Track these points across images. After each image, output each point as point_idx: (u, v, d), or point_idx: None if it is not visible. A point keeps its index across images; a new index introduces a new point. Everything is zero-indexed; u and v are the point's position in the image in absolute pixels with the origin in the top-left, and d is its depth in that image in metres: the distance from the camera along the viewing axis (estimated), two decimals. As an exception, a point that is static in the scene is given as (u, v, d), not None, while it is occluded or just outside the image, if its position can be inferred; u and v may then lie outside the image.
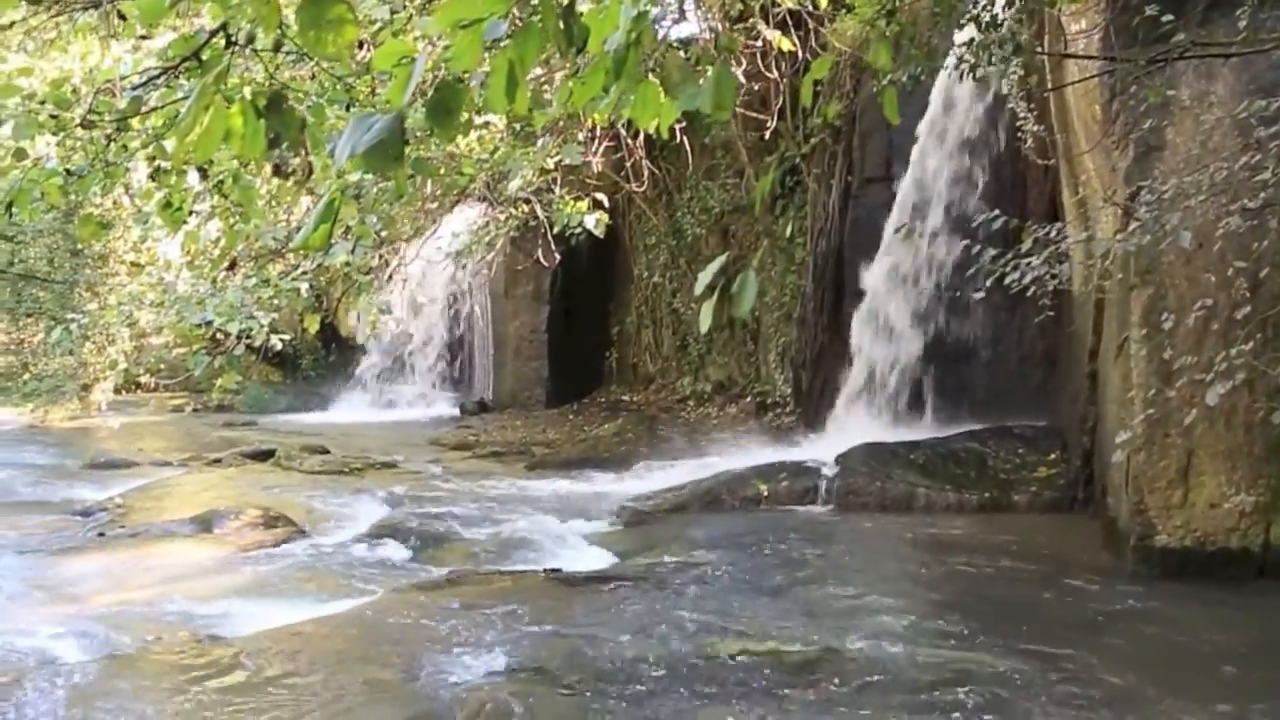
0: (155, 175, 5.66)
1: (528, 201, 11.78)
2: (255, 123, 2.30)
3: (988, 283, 6.51)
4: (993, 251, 6.44)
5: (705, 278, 2.31)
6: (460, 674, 5.77)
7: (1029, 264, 6.32)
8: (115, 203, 14.01)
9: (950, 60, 7.28)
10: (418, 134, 6.26)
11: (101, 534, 9.95)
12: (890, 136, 13.47)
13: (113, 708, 5.36)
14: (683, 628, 6.47)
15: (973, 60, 6.67)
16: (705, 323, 2.38)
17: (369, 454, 14.86)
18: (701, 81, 2.21)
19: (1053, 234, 6.51)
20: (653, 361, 19.53)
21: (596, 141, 12.41)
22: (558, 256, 14.27)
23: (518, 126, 10.40)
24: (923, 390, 12.82)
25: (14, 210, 5.04)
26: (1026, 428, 11.17)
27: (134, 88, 4.85)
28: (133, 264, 19.41)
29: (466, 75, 2.23)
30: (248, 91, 2.62)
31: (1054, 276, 6.52)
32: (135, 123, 5.26)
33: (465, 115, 2.09)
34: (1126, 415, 7.60)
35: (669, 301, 18.86)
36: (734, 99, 2.32)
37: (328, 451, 14.99)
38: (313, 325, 10.20)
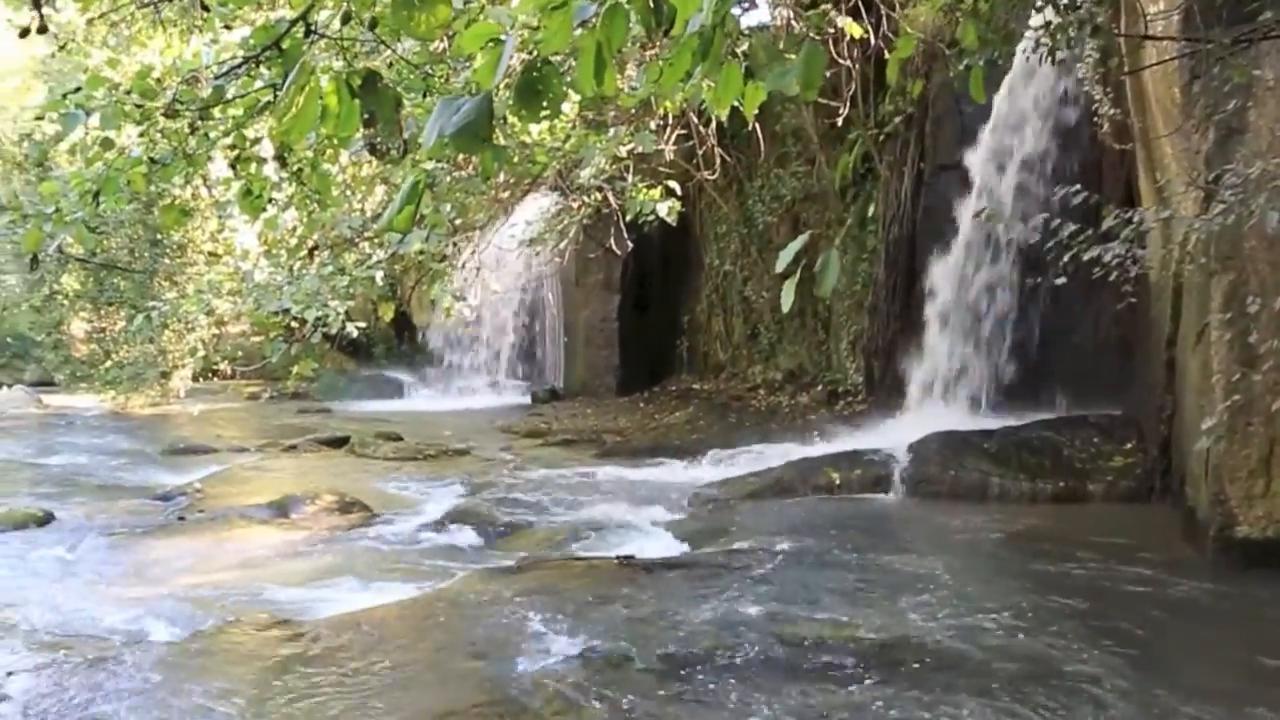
0: (236, 164, 5.75)
1: (600, 190, 11.81)
2: (349, 102, 2.33)
3: (1066, 258, 6.40)
4: (1072, 226, 6.33)
5: (786, 257, 2.30)
6: (535, 659, 5.80)
7: (1108, 246, 6.22)
8: (194, 194, 14.23)
9: (1025, 44, 7.19)
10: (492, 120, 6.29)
11: (181, 518, 10.13)
12: (962, 123, 13.35)
13: (195, 685, 5.45)
14: (756, 613, 6.46)
15: (1050, 43, 6.58)
16: (787, 302, 2.37)
17: (442, 441, 15.00)
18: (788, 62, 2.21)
19: (1134, 217, 6.41)
20: (723, 350, 19.50)
21: (669, 129, 12.41)
22: (630, 244, 14.28)
23: (589, 115, 10.43)
24: (996, 379, 12.70)
25: (100, 199, 5.14)
26: (1102, 417, 11.00)
27: (217, 77, 4.93)
28: (210, 253, 19.73)
29: (554, 57, 2.25)
30: (325, 79, 2.65)
31: (1134, 260, 6.41)
32: (216, 112, 5.34)
33: (555, 97, 2.10)
34: (1207, 403, 7.47)
35: (740, 290, 18.81)
36: (821, 78, 2.32)
37: (401, 438, 15.16)
38: (387, 313, 10.30)
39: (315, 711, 5.13)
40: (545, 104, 2.10)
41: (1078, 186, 6.52)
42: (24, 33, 4.52)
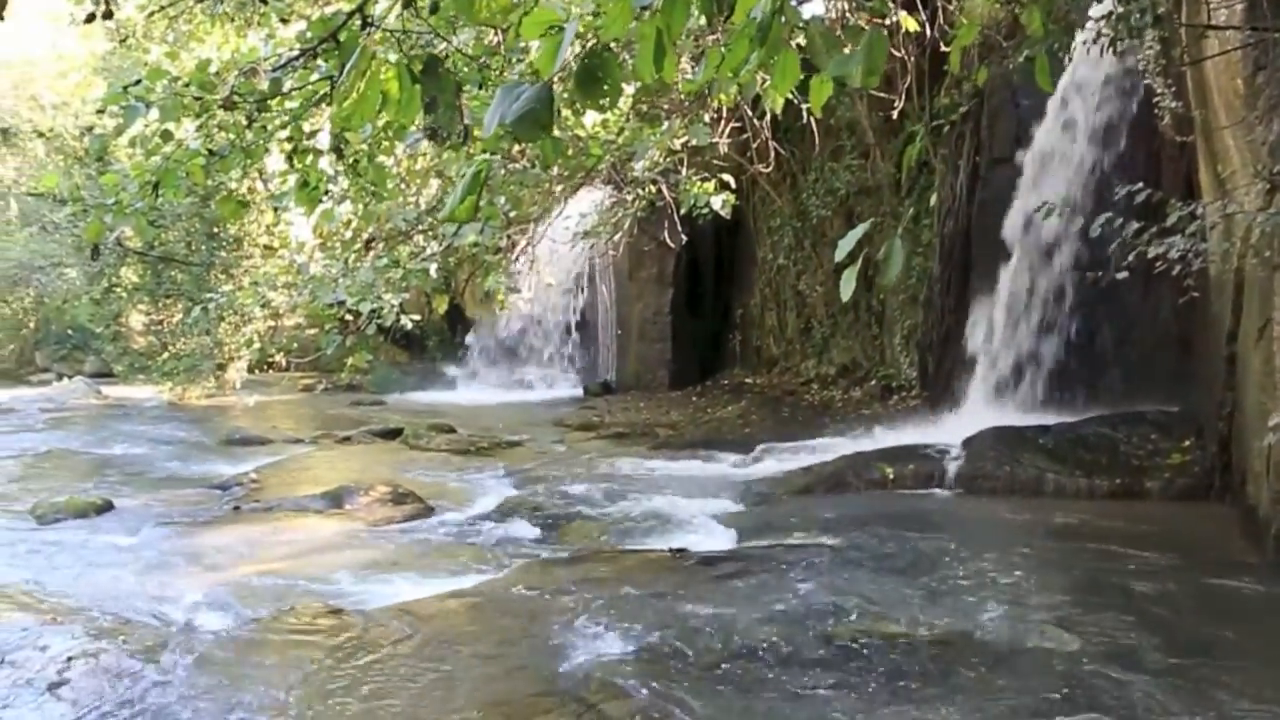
0: (292, 155, 5.79)
1: (654, 183, 11.79)
2: (410, 88, 2.33)
3: (1130, 257, 6.31)
4: (1136, 225, 6.23)
5: (846, 246, 2.28)
6: (587, 651, 5.80)
7: (1171, 241, 6.11)
8: (250, 188, 14.36)
9: (1085, 34, 7.08)
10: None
11: (237, 508, 10.24)
12: (1019, 117, 13.22)
13: (250, 673, 5.50)
14: (809, 608, 6.43)
15: (1112, 33, 6.48)
16: (847, 290, 2.35)
17: (495, 433, 15.06)
18: (847, 50, 2.19)
19: (1196, 210, 6.31)
20: (776, 344, 19.44)
21: (723, 123, 12.37)
22: (683, 238, 14.26)
23: (643, 108, 10.42)
24: (1051, 374, 12.56)
25: (160, 190, 5.20)
26: (1159, 413, 10.84)
27: (274, 69, 4.96)
28: (266, 247, 19.95)
29: (615, 44, 2.23)
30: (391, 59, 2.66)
31: (1198, 254, 6.30)
32: (274, 104, 5.38)
33: (614, 84, 2.09)
34: (1270, 400, 7.34)
35: (793, 284, 18.75)
36: (884, 65, 2.29)
37: (454, 430, 15.24)
38: (441, 306, 10.36)
39: (369, 700, 5.16)
40: (605, 91, 2.09)
41: (1141, 185, 6.40)
42: (90, 18, 4.57)
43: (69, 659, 5.59)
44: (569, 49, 1.97)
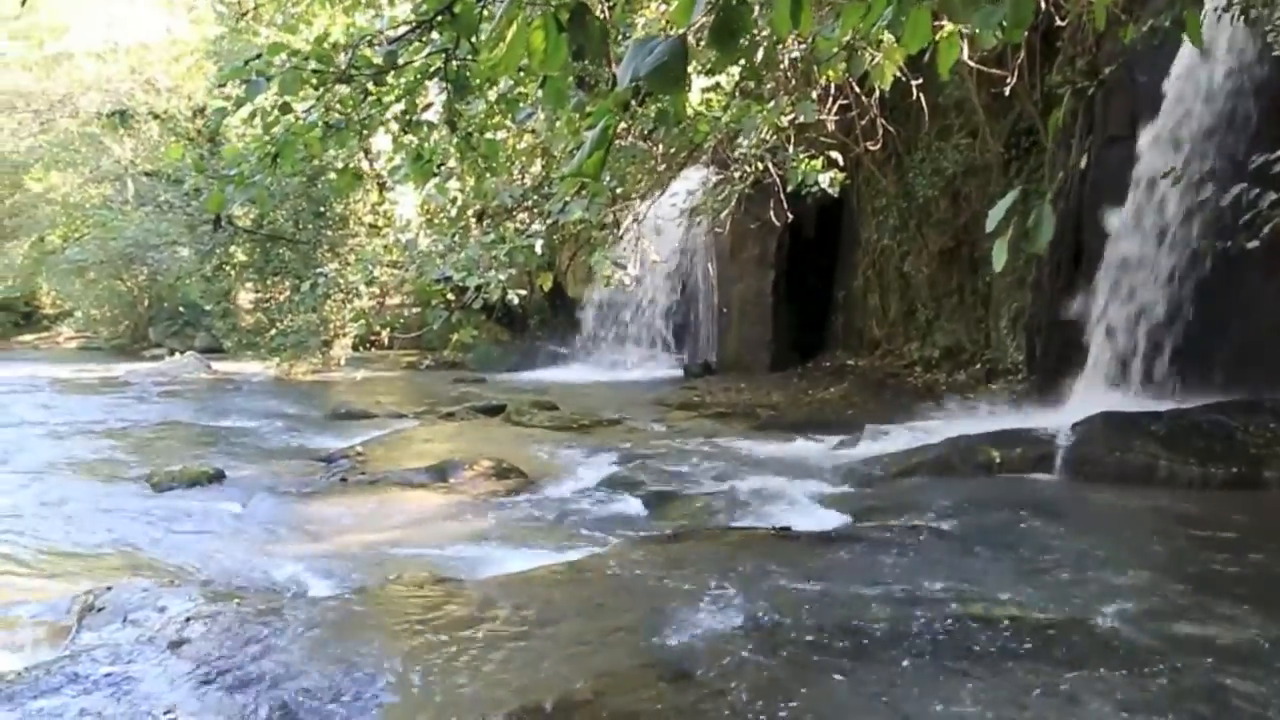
0: (405, 129, 5.86)
1: (761, 160, 11.71)
2: (556, 37, 2.33)
3: (1266, 229, 6.12)
4: (1273, 195, 6.04)
5: (997, 214, 2.25)
6: (691, 625, 5.78)
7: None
8: (356, 167, 14.56)
9: (1214, 2, 6.88)
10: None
11: (344, 480, 10.41)
12: (1136, 93, 12.89)
13: (359, 638, 5.58)
14: (916, 590, 6.35)
15: (1243, 2, 6.29)
16: (999, 261, 2.31)
17: (596, 411, 15.12)
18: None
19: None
20: (879, 326, 19.25)
21: (830, 100, 12.25)
22: (789, 216, 14.14)
23: (751, 84, 10.35)
24: (1165, 359, 12.27)
25: (278, 162, 5.28)
26: (1279, 402, 10.55)
27: (391, 42, 5.01)
28: (371, 225, 20.25)
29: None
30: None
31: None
32: (390, 78, 5.44)
33: (751, 40, 2.08)
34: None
35: (897, 265, 18.53)
36: (1031, 16, 2.24)
37: (556, 408, 15.32)
38: (546, 283, 10.40)
39: (475, 667, 5.21)
40: (740, 46, 2.07)
41: (1278, 155, 6.20)
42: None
43: (187, 619, 5.73)
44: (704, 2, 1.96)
